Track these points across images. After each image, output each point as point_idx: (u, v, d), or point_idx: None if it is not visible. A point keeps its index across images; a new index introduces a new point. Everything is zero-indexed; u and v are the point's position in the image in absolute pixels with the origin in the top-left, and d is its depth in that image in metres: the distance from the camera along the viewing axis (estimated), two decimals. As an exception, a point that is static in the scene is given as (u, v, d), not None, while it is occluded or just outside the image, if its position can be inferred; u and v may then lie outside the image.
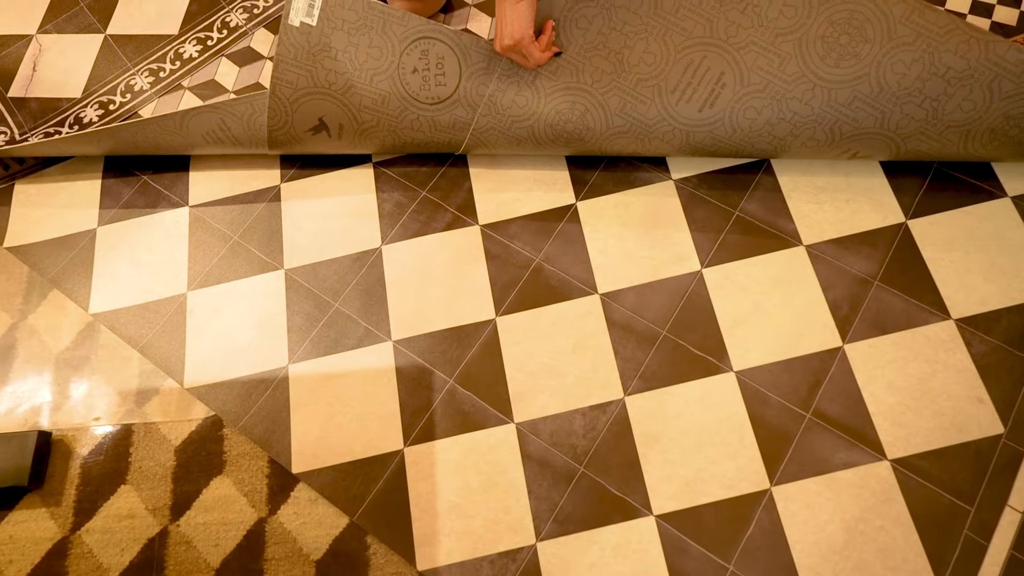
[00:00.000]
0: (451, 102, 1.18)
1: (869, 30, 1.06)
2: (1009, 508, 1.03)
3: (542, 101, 1.16)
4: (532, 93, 1.15)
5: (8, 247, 1.37)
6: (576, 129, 1.17)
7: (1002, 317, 1.15)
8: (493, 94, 1.16)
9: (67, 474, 1.18)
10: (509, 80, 1.15)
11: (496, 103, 1.17)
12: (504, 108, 1.17)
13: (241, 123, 1.23)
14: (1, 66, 1.57)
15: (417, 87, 1.16)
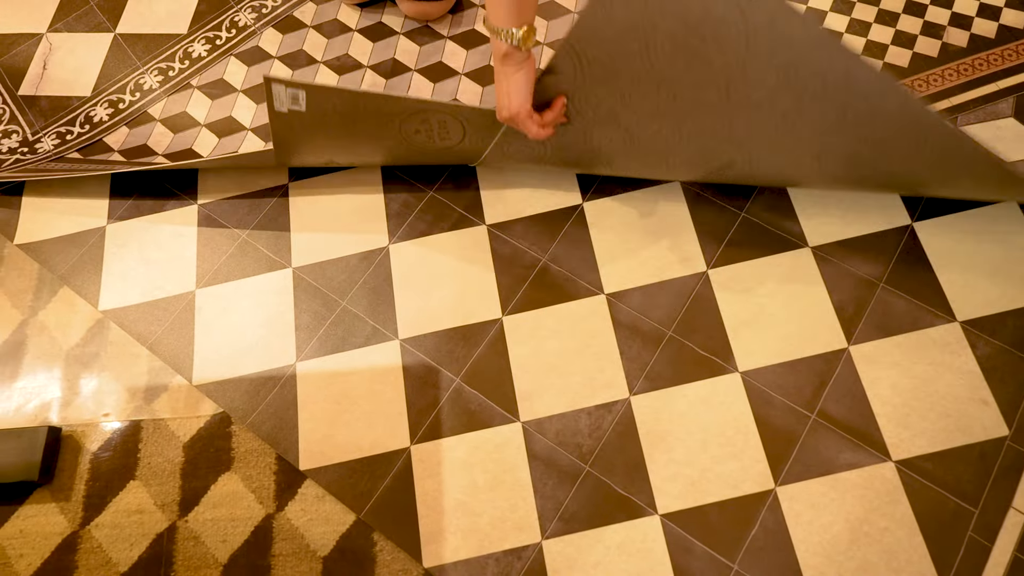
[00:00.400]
0: (459, 147, 1.19)
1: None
2: (1013, 510, 1.04)
3: (548, 152, 1.17)
4: (540, 146, 1.16)
5: (19, 244, 1.38)
6: (589, 160, 1.20)
7: (1008, 320, 1.16)
8: (500, 143, 1.16)
9: (76, 469, 1.19)
10: (515, 135, 1.12)
11: (504, 148, 1.18)
12: (512, 152, 1.19)
13: (251, 159, 1.26)
14: (11, 65, 1.58)
15: (422, 142, 1.17)
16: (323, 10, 1.58)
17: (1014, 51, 1.36)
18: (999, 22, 1.40)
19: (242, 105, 1.47)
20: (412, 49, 1.50)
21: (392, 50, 1.50)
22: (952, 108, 1.32)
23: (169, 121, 1.47)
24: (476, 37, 1.50)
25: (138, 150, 1.44)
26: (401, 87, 1.46)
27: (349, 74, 1.49)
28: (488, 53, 1.48)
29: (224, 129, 1.45)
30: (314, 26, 1.56)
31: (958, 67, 1.36)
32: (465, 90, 1.44)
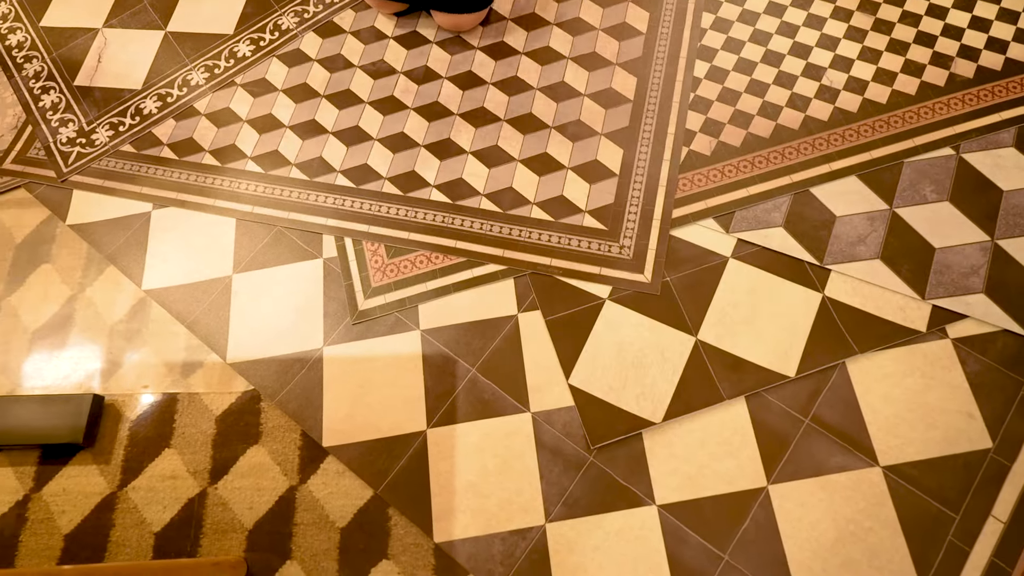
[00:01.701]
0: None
1: None
2: (993, 518, 1.10)
3: None
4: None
5: (70, 224, 1.48)
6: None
7: (997, 339, 1.22)
8: None
9: (117, 435, 1.28)
10: None
11: None
12: None
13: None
14: (68, 57, 1.69)
15: None
16: (361, 17, 1.67)
17: (1019, 84, 1.42)
18: (1006, 55, 1.46)
19: (282, 104, 1.57)
20: (444, 58, 1.58)
21: (425, 58, 1.59)
22: (956, 136, 1.38)
23: (213, 116, 1.57)
24: (505, 48, 1.58)
25: (185, 143, 1.54)
26: (431, 93, 1.55)
27: (384, 79, 1.57)
28: (515, 64, 1.56)
29: (265, 126, 1.54)
30: (352, 32, 1.65)
31: (963, 97, 1.42)
32: (492, 99, 1.52)
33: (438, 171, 1.45)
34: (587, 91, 1.51)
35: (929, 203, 1.33)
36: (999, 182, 1.34)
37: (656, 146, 1.43)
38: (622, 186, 1.40)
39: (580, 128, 1.47)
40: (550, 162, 1.44)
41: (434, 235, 1.39)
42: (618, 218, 1.37)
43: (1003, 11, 1.51)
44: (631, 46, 1.55)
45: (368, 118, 1.53)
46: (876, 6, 1.54)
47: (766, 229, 1.33)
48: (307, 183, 1.47)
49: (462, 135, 1.49)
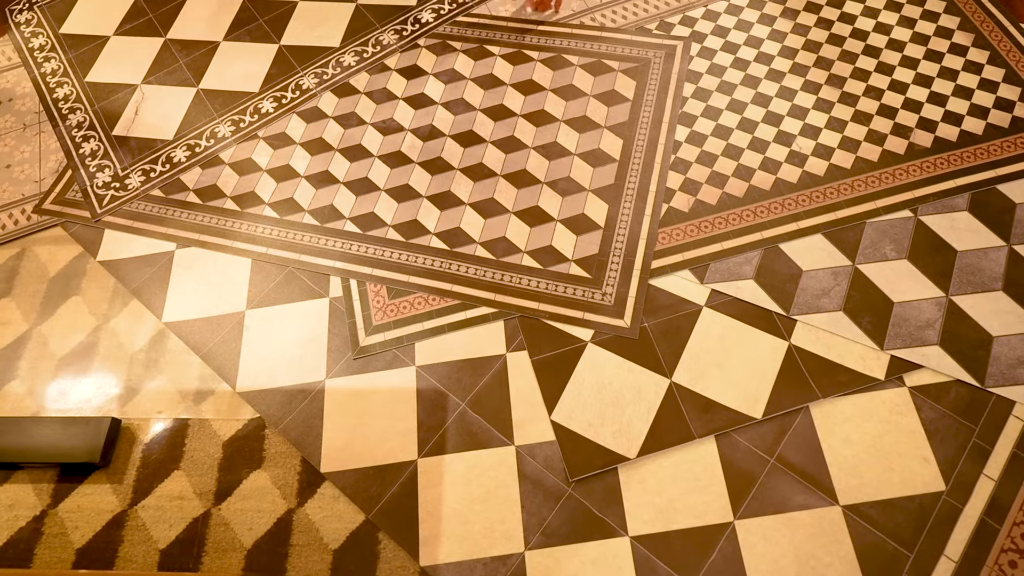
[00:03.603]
0: None
1: None
2: (945, 557, 1.16)
3: None
4: None
5: (100, 260, 1.61)
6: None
7: (951, 388, 1.30)
8: None
9: (130, 457, 1.38)
10: None
11: None
12: None
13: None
14: (109, 109, 1.86)
15: None
16: (375, 80, 1.84)
17: (972, 154, 1.55)
18: (961, 128, 1.59)
19: (299, 156, 1.72)
20: (448, 118, 1.74)
21: (431, 117, 1.75)
22: (914, 199, 1.50)
23: (236, 165, 1.72)
24: (504, 111, 1.73)
25: (209, 189, 1.69)
26: (435, 149, 1.69)
27: (393, 135, 1.72)
28: (512, 125, 1.71)
29: (282, 175, 1.69)
30: (366, 92, 1.82)
31: (921, 164, 1.55)
32: (490, 155, 1.66)
33: (438, 220, 1.58)
34: (577, 151, 1.65)
35: (889, 260, 1.44)
36: (953, 243, 1.45)
37: (638, 203, 1.56)
38: (606, 238, 1.52)
39: (569, 184, 1.61)
40: (541, 215, 1.57)
41: (432, 279, 1.51)
42: (601, 267, 1.49)
43: (959, 88, 1.66)
44: (619, 111, 1.70)
45: (376, 170, 1.67)
46: (843, 80, 1.69)
47: (738, 281, 1.44)
48: (318, 228, 1.61)
49: (461, 188, 1.63)
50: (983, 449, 1.25)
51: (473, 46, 1.84)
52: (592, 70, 1.78)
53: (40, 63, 1.97)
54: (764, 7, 1.85)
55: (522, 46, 1.84)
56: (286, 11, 2.00)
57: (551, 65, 1.80)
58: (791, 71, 1.72)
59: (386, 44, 1.88)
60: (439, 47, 1.86)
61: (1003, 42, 1.71)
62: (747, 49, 1.77)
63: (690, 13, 1.86)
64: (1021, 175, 1.51)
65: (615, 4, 1.90)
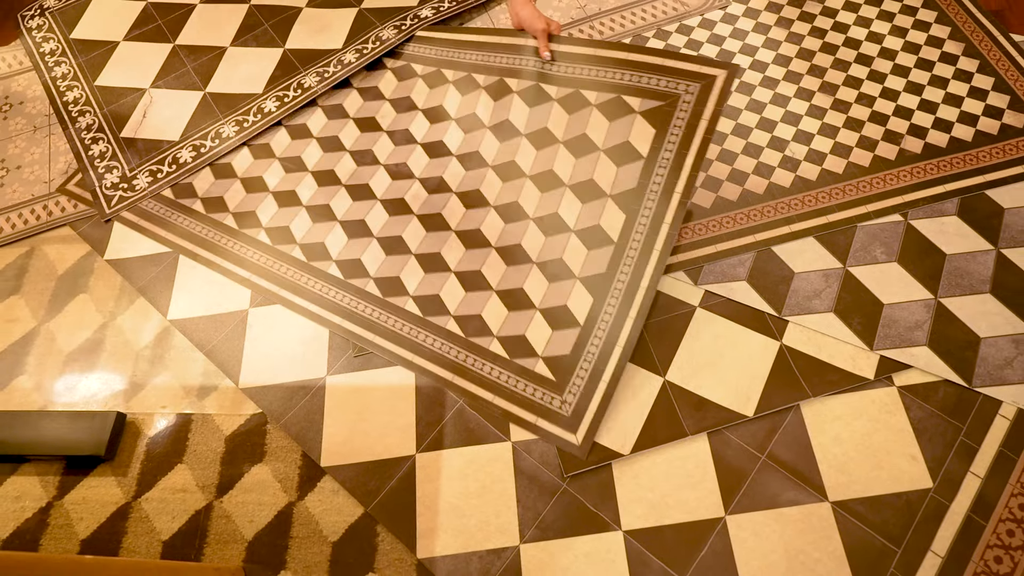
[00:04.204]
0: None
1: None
2: (932, 553, 1.19)
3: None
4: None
5: (108, 259, 1.65)
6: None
7: (939, 387, 1.33)
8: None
9: (135, 451, 1.41)
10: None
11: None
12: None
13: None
14: (117, 112, 1.91)
15: None
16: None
17: (962, 159, 1.58)
18: (950, 134, 1.62)
19: (307, 184, 1.76)
20: (459, 172, 1.70)
21: (443, 169, 1.70)
22: (904, 204, 1.53)
23: (246, 182, 1.76)
24: (513, 170, 1.77)
25: (216, 200, 1.72)
26: (438, 204, 1.65)
27: (401, 181, 1.67)
28: (519, 188, 1.74)
29: (285, 201, 1.73)
30: (388, 131, 1.77)
31: (912, 170, 1.58)
32: (489, 223, 1.70)
33: (420, 283, 1.51)
34: (576, 227, 1.49)
35: (879, 263, 1.47)
36: (942, 246, 1.48)
37: (624, 302, 1.39)
38: (581, 339, 1.38)
39: (560, 269, 1.46)
40: (523, 299, 1.46)
41: (397, 344, 1.45)
42: (568, 371, 1.37)
43: (949, 95, 1.69)
44: (628, 174, 1.48)
45: (375, 216, 1.62)
46: (835, 88, 1.73)
47: (731, 282, 1.48)
48: (303, 264, 1.58)
49: (452, 253, 1.54)
50: (970, 447, 1.27)
51: (495, 80, 1.72)
52: (609, 112, 1.54)
53: (51, 67, 2.01)
54: (759, 16, 1.89)
55: (540, 78, 1.66)
56: (291, 16, 2.04)
57: (568, 106, 1.59)
58: (784, 78, 1.76)
59: (385, 39, 1.91)
60: (434, 76, 1.79)
61: (992, 51, 1.74)
62: (741, 57, 1.81)
63: (687, 22, 1.90)
64: (1009, 181, 1.55)
65: (612, 12, 1.95)
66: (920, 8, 1.86)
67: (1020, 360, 1.34)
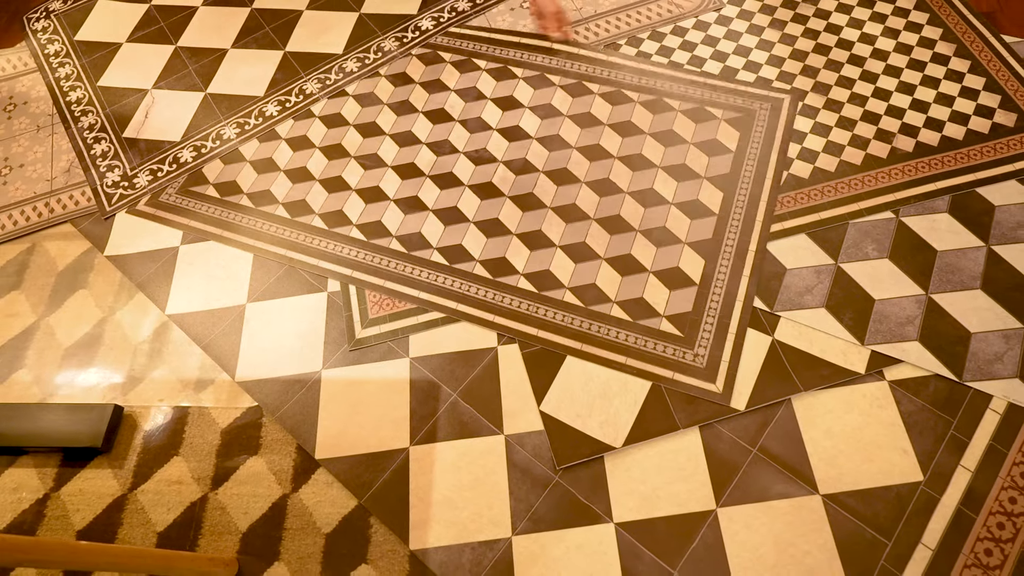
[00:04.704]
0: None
1: None
2: (922, 545, 1.19)
3: None
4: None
5: (107, 255, 1.67)
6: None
7: (930, 382, 1.34)
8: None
9: (132, 443, 1.42)
10: None
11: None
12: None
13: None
14: (120, 112, 1.93)
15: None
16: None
17: (953, 158, 1.60)
18: (942, 133, 1.64)
19: (390, 178, 1.78)
20: (542, 153, 1.72)
21: (525, 151, 1.72)
22: (896, 201, 1.55)
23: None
24: (599, 151, 1.79)
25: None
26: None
27: (485, 166, 1.71)
28: (608, 167, 1.76)
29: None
30: (460, 120, 1.80)
31: (903, 168, 1.59)
32: (584, 198, 1.71)
33: (527, 260, 1.55)
34: (674, 200, 1.60)
35: (871, 260, 1.48)
36: (933, 243, 1.49)
37: (736, 262, 1.50)
38: (700, 296, 1.46)
39: (665, 235, 1.55)
40: (634, 264, 1.52)
41: (519, 321, 1.47)
42: (694, 327, 1.43)
43: (940, 95, 1.71)
44: (720, 162, 1.64)
45: (467, 202, 1.66)
46: (828, 88, 1.75)
47: (724, 278, 1.49)
48: (404, 255, 1.59)
49: (553, 229, 1.59)
50: (960, 441, 1.27)
51: (573, 82, 1.82)
52: (693, 116, 1.72)
53: (55, 68, 2.05)
54: (753, 18, 1.92)
55: (622, 85, 1.80)
56: (292, 19, 2.07)
57: (652, 108, 1.75)
58: (778, 79, 1.77)
59: (387, 50, 1.95)
60: (538, 79, 1.85)
61: (983, 52, 1.76)
62: (736, 58, 1.83)
63: (682, 24, 1.93)
64: (1000, 178, 1.56)
65: (608, 15, 1.97)
66: (912, 10, 1.88)
67: (1010, 355, 1.34)
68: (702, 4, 1.96)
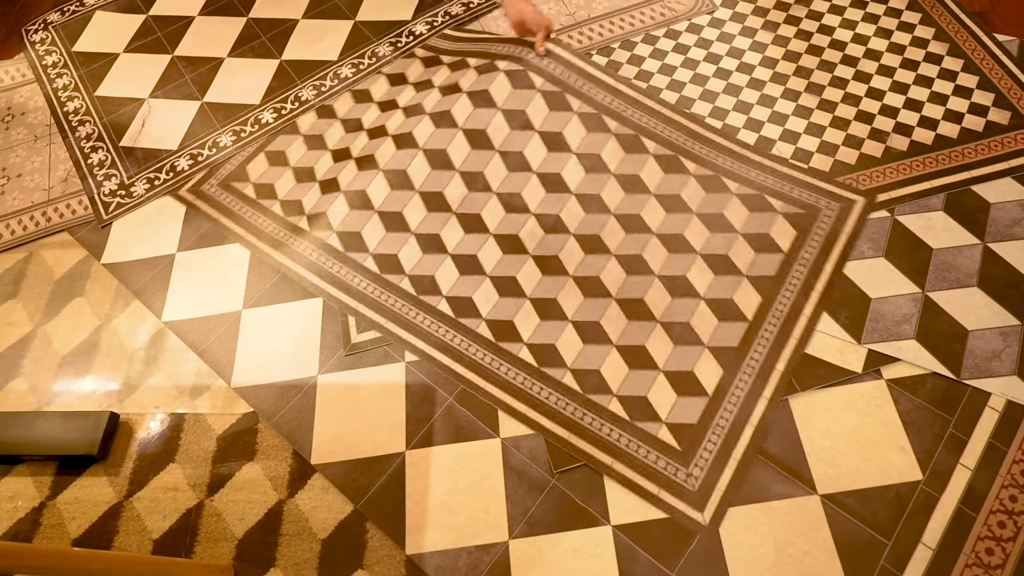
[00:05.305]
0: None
1: None
2: (923, 545, 1.18)
3: None
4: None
5: (104, 263, 1.67)
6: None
7: (927, 380, 1.33)
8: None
9: (127, 450, 1.42)
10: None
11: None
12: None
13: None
14: (116, 121, 1.95)
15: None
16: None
17: (947, 156, 1.59)
18: (936, 131, 1.64)
19: (414, 206, 1.78)
20: (577, 213, 1.59)
21: (561, 206, 1.56)
22: (890, 200, 1.54)
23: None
24: (638, 223, 1.79)
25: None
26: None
27: (515, 215, 1.60)
28: (644, 242, 1.76)
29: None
30: (501, 152, 1.65)
31: (898, 167, 1.59)
32: (609, 272, 1.71)
33: (535, 330, 1.44)
34: (706, 295, 1.45)
35: (867, 258, 1.48)
36: (929, 241, 1.49)
37: (758, 381, 1.35)
38: (710, 410, 1.33)
39: (686, 333, 1.41)
40: (645, 358, 1.40)
41: (512, 395, 1.39)
42: (695, 442, 1.30)
43: (934, 94, 1.71)
44: (766, 262, 1.48)
45: (488, 251, 1.55)
46: (821, 88, 1.75)
47: (719, 279, 1.48)
48: (412, 298, 1.51)
49: (569, 299, 1.47)
50: (959, 439, 1.27)
51: (630, 133, 1.66)
52: (749, 203, 1.56)
53: (53, 79, 2.06)
54: (746, 20, 1.92)
55: (680, 151, 1.64)
56: (287, 28, 2.09)
57: (706, 185, 1.60)
58: (771, 80, 1.78)
59: (381, 56, 1.96)
60: (593, 120, 1.68)
61: (976, 51, 1.77)
62: (729, 60, 1.84)
63: (675, 27, 1.94)
64: (995, 176, 1.56)
65: (601, 19, 1.98)
66: (905, 10, 1.89)
67: (1008, 352, 1.34)
68: (695, 7, 1.97)
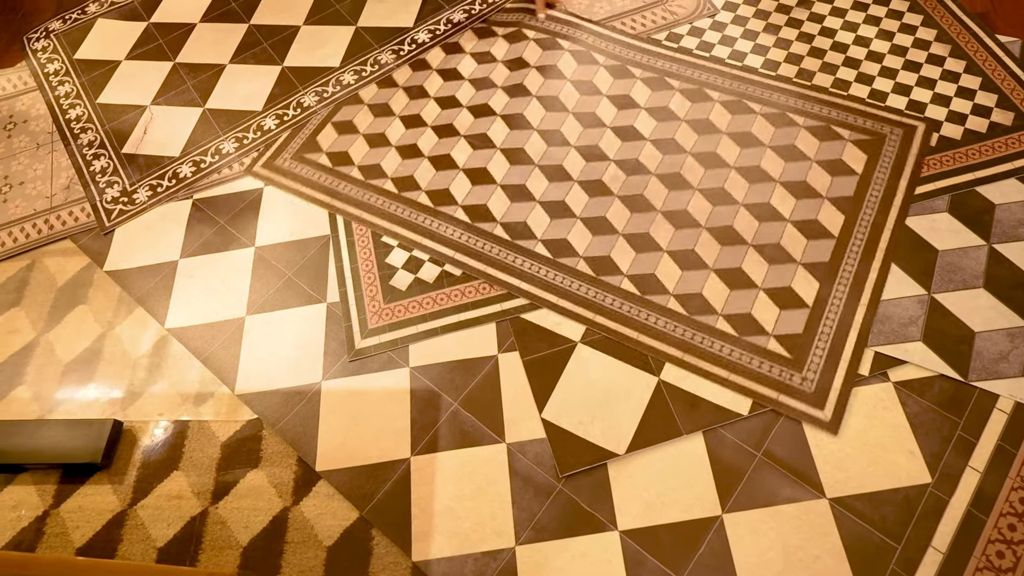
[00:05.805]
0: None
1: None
2: (932, 549, 1.17)
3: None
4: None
5: (107, 270, 1.67)
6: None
7: (935, 383, 1.32)
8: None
9: (131, 458, 1.41)
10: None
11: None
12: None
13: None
14: (118, 128, 1.95)
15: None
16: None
17: (951, 157, 1.59)
18: (940, 133, 1.64)
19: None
20: (655, 155, 1.73)
21: (638, 152, 1.77)
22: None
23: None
24: (715, 159, 1.79)
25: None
26: (639, 185, 1.70)
27: (595, 163, 1.69)
28: (724, 176, 1.76)
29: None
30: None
31: (902, 168, 1.59)
32: (696, 204, 1.72)
33: (632, 262, 1.52)
34: (791, 217, 1.54)
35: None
36: (935, 243, 1.48)
37: (854, 290, 1.43)
38: (812, 320, 1.39)
39: (778, 252, 1.49)
40: (743, 279, 1.47)
41: (621, 324, 1.44)
42: (804, 349, 1.36)
43: (937, 96, 1.71)
44: (843, 183, 1.57)
45: (575, 196, 1.63)
46: (823, 91, 1.75)
47: (724, 282, 1.48)
48: (508, 243, 1.60)
49: (661, 232, 1.55)
50: (968, 442, 1.26)
51: (693, 88, 1.79)
52: (818, 134, 1.66)
53: (55, 87, 2.06)
54: (747, 23, 1.93)
55: (743, 96, 1.76)
56: (289, 34, 2.09)
57: (773, 121, 1.70)
58: (773, 81, 1.78)
59: (384, 63, 1.96)
60: (656, 81, 1.82)
61: (979, 52, 1.76)
62: (731, 63, 1.83)
63: (676, 30, 1.94)
64: (999, 177, 1.55)
65: (603, 24, 1.98)
66: (906, 12, 1.89)
67: (1016, 354, 1.33)
68: (696, 11, 1.97)
